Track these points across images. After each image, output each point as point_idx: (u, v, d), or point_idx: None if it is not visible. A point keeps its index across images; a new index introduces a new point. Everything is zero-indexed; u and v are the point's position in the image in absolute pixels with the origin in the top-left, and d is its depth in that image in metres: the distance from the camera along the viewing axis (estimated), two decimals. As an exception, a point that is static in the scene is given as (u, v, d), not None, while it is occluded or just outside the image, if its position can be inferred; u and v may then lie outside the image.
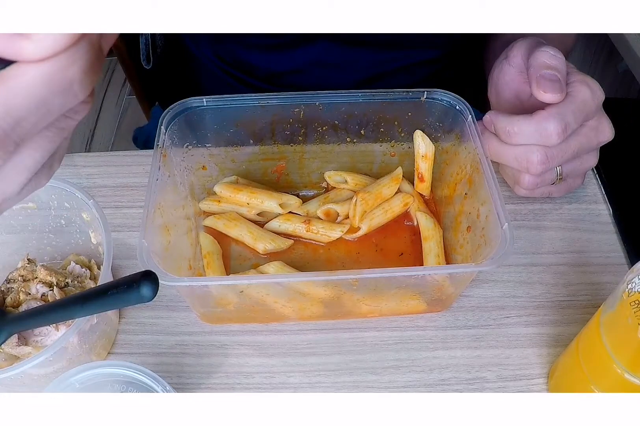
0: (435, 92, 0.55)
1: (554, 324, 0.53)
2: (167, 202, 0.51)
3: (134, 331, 0.53)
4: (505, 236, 0.45)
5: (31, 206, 0.53)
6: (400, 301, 0.51)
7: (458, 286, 0.51)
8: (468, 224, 0.53)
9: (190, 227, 0.57)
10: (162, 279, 0.43)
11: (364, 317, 0.54)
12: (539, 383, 0.50)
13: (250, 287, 0.48)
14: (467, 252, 0.52)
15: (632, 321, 0.36)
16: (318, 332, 0.53)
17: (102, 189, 0.63)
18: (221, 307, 0.50)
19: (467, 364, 0.51)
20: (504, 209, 0.46)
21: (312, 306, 0.51)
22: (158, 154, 0.51)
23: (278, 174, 0.61)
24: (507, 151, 0.52)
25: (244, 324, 0.53)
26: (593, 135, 0.52)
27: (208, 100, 0.54)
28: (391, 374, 0.50)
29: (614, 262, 0.57)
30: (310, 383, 0.50)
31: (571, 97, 0.50)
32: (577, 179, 0.58)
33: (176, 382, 0.50)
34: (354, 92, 0.55)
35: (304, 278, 0.49)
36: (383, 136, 0.59)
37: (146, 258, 0.44)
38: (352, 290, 0.49)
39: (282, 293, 0.49)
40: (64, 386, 0.41)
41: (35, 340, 0.49)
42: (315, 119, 0.57)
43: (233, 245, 0.58)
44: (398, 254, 0.58)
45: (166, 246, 0.49)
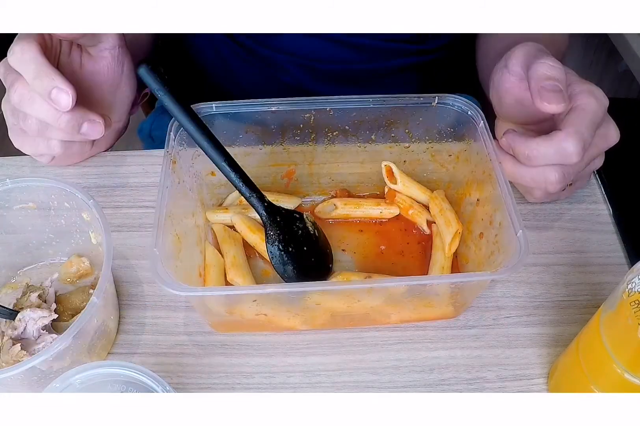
0: (447, 97, 0.54)
1: (554, 324, 0.53)
2: (177, 210, 0.50)
3: (134, 331, 0.53)
4: (520, 243, 0.44)
5: (31, 206, 0.53)
6: (413, 309, 0.51)
7: (471, 293, 0.51)
8: (481, 231, 0.52)
9: (200, 234, 0.56)
10: (175, 289, 0.43)
11: (377, 325, 0.53)
12: (539, 383, 0.50)
13: (262, 296, 0.47)
14: (480, 258, 0.52)
15: (632, 321, 0.36)
16: (318, 332, 0.53)
17: (102, 189, 0.63)
18: (232, 316, 0.50)
19: (467, 364, 0.51)
20: (518, 216, 0.46)
21: (324, 314, 0.50)
22: (168, 160, 0.51)
23: (288, 179, 0.61)
24: (524, 172, 0.52)
25: (244, 324, 0.53)
26: (602, 142, 0.53)
27: (217, 105, 0.54)
28: (391, 374, 0.50)
29: (614, 262, 0.57)
30: (310, 383, 0.50)
31: (583, 112, 0.50)
32: (583, 181, 0.59)
33: (176, 382, 0.50)
34: (365, 97, 0.54)
35: (319, 288, 0.48)
36: (394, 141, 0.58)
37: (158, 267, 0.43)
38: (367, 298, 0.48)
39: (296, 302, 0.49)
40: (64, 386, 0.41)
41: (35, 349, 0.49)
42: (325, 124, 0.56)
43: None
44: (400, 253, 0.58)
45: (177, 255, 0.49)
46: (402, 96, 0.55)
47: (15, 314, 0.50)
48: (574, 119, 0.50)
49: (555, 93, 0.49)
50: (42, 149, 0.58)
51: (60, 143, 0.58)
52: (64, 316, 0.52)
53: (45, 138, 0.57)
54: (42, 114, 0.53)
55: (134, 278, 0.56)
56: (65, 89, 0.51)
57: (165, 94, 0.49)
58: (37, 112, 0.53)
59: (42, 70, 0.51)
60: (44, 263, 0.57)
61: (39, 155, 0.60)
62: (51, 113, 0.53)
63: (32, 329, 0.49)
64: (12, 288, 0.55)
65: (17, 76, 0.53)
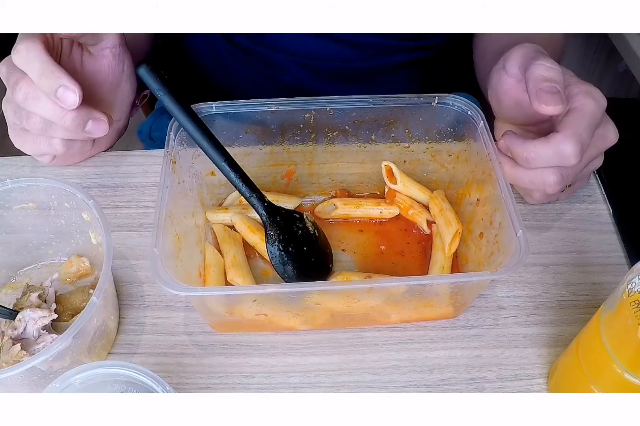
0: (447, 97, 0.54)
1: (554, 324, 0.53)
2: (177, 210, 0.50)
3: (134, 331, 0.53)
4: (520, 243, 0.44)
5: (31, 206, 0.53)
6: (413, 309, 0.51)
7: (471, 293, 0.51)
8: (480, 231, 0.52)
9: (200, 234, 0.56)
10: (175, 289, 0.43)
11: (377, 325, 0.53)
12: (539, 383, 0.50)
13: (262, 296, 0.47)
14: (480, 258, 0.52)
15: (632, 321, 0.36)
16: (318, 332, 0.53)
17: (102, 189, 0.63)
18: (232, 316, 0.50)
19: (467, 364, 0.51)
20: (518, 216, 0.46)
21: (324, 314, 0.50)
22: (168, 160, 0.51)
23: (288, 179, 0.61)
24: (522, 175, 0.52)
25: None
26: (601, 142, 0.52)
27: (217, 106, 0.54)
28: (391, 374, 0.50)
29: (614, 262, 0.57)
30: (310, 383, 0.50)
31: (581, 113, 0.50)
32: (583, 181, 0.59)
33: (176, 382, 0.50)
34: (365, 97, 0.54)
35: (319, 288, 0.48)
36: (394, 141, 0.58)
37: (158, 268, 0.43)
38: (367, 298, 0.48)
39: (296, 302, 0.49)
40: (64, 386, 0.41)
41: (35, 349, 0.49)
42: (325, 124, 0.56)
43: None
44: (400, 253, 0.58)
45: (177, 255, 0.49)
46: (402, 96, 0.55)
47: (15, 314, 0.50)
48: (572, 121, 0.50)
49: (553, 95, 0.49)
50: (44, 148, 0.59)
51: (63, 142, 0.58)
52: (64, 316, 0.52)
53: (47, 137, 0.57)
54: (47, 112, 0.53)
55: (134, 278, 0.56)
56: (72, 88, 0.51)
57: (165, 94, 0.49)
58: (42, 111, 0.54)
59: (47, 68, 0.51)
60: (44, 263, 0.57)
61: (40, 155, 0.61)
62: (57, 111, 0.53)
63: (32, 329, 0.49)
64: (12, 288, 0.55)
65: (22, 74, 0.53)
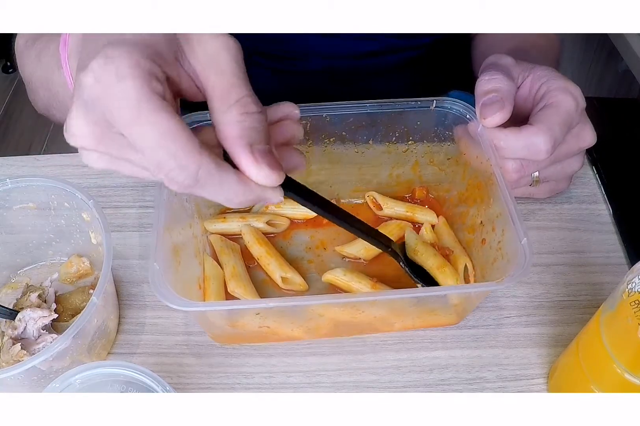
0: (445, 101, 0.54)
1: (554, 324, 0.53)
2: (175, 221, 0.49)
3: (134, 331, 0.53)
4: (524, 251, 0.44)
5: (31, 206, 0.53)
6: (417, 317, 0.51)
7: (474, 301, 0.51)
8: (483, 237, 0.52)
9: (198, 245, 0.55)
10: (176, 304, 0.42)
11: (381, 332, 0.53)
12: (539, 383, 0.50)
13: (265, 310, 0.47)
14: (482, 264, 0.52)
15: (632, 321, 0.36)
16: (318, 332, 0.53)
17: (102, 189, 0.63)
18: (235, 328, 0.50)
19: (467, 364, 0.51)
20: (522, 223, 0.45)
21: (328, 324, 0.50)
22: None
23: None
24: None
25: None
26: (574, 142, 0.52)
27: None
28: (391, 374, 0.50)
29: (614, 262, 0.57)
30: (310, 383, 0.50)
31: (556, 109, 0.50)
32: (562, 183, 0.57)
33: (176, 382, 0.50)
34: (362, 102, 0.54)
35: (322, 301, 0.47)
36: (392, 146, 0.58)
37: (159, 282, 0.43)
38: (371, 309, 0.48)
39: (300, 314, 0.48)
40: (64, 386, 0.41)
41: (35, 349, 0.49)
42: (321, 130, 0.55)
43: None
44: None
45: (176, 268, 0.48)
46: (399, 100, 0.54)
47: (15, 314, 0.50)
48: (546, 116, 0.49)
49: (492, 105, 0.49)
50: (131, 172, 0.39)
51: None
52: (64, 316, 0.52)
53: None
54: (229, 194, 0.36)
55: (134, 278, 0.56)
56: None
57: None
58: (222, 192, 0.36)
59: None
60: (44, 263, 0.57)
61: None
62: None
63: (32, 329, 0.49)
64: (12, 288, 0.55)
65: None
